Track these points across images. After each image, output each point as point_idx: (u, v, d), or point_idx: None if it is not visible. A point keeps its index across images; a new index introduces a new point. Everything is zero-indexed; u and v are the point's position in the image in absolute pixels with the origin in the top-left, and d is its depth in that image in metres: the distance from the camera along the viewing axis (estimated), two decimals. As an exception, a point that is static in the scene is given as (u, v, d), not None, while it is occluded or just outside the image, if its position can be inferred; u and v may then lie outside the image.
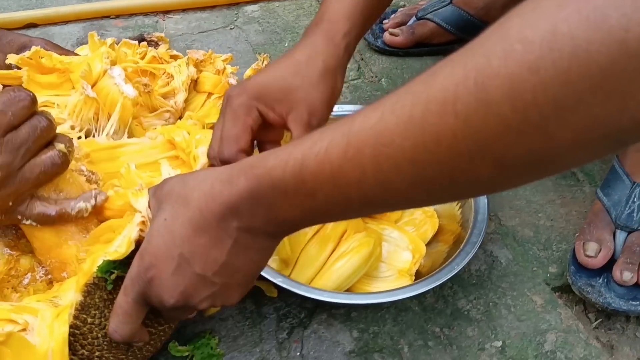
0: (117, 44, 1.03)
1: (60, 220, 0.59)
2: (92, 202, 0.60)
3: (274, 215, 0.50)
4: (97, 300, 0.59)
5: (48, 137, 0.58)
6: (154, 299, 0.54)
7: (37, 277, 0.62)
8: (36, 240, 0.61)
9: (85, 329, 0.58)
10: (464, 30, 1.15)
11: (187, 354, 0.70)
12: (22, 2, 1.32)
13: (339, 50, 0.70)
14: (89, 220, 0.63)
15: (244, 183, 0.49)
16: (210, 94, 0.99)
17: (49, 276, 0.63)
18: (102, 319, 0.59)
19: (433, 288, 0.71)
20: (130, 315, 0.55)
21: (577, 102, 0.34)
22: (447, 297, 0.79)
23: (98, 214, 0.63)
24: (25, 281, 0.61)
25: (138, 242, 0.57)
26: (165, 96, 0.95)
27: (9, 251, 0.61)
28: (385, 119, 0.42)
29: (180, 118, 0.93)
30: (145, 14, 1.31)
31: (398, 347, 0.74)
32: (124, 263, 0.58)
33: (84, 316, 0.58)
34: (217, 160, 0.65)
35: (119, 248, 0.57)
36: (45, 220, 0.59)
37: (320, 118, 0.67)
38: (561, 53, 0.33)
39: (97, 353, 0.58)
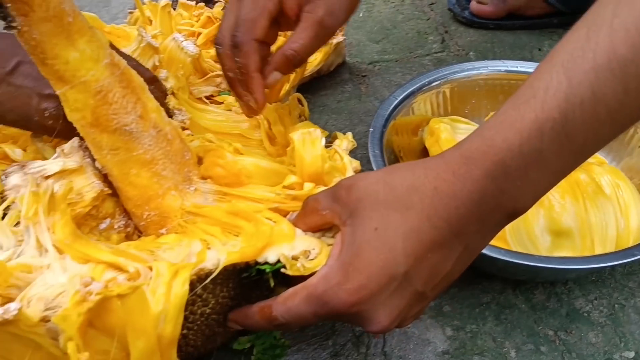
0: (175, 7, 0.95)
1: None
2: None
3: (521, 194, 0.41)
4: (227, 280, 0.49)
5: None
6: (354, 320, 0.45)
7: (115, 225, 0.52)
8: (133, 188, 0.50)
9: (197, 298, 0.47)
10: (566, 2, 1.02)
11: (248, 345, 0.59)
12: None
13: None
14: (191, 170, 0.53)
15: (481, 173, 0.40)
16: (271, 55, 0.89)
17: (128, 229, 0.53)
18: (211, 296, 0.48)
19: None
20: (287, 324, 0.47)
21: None
22: (561, 295, 0.65)
23: (203, 166, 0.55)
24: (102, 226, 0.51)
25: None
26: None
27: (100, 185, 0.50)
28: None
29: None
30: (208, -19, 1.22)
31: (503, 351, 0.60)
32: None
33: (202, 289, 0.47)
34: (226, 46, 0.59)
35: (311, 262, 0.47)
36: None
37: (336, 20, 0.60)
38: None
39: (191, 325, 0.48)
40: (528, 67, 0.77)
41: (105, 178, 0.52)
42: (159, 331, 0.43)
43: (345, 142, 0.60)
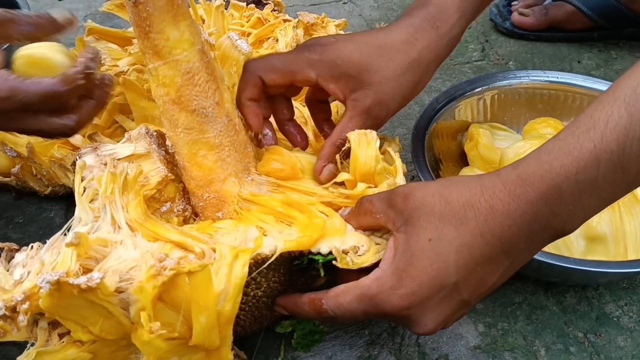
0: (227, 7, 0.98)
1: None
2: None
3: (570, 217, 0.44)
4: (279, 266, 0.53)
5: None
6: (401, 322, 0.49)
7: (175, 209, 0.55)
8: (198, 169, 0.54)
9: (252, 281, 0.51)
10: (607, 18, 1.03)
11: (290, 329, 0.62)
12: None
13: (442, 42, 0.59)
14: (250, 162, 0.57)
15: (536, 195, 0.43)
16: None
17: (186, 213, 0.56)
18: (264, 280, 0.52)
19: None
20: (336, 317, 0.50)
21: None
22: (592, 299, 0.67)
23: (262, 161, 0.58)
24: (164, 209, 0.54)
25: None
26: None
27: (165, 170, 0.54)
28: None
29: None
30: (256, -18, 1.26)
31: (533, 349, 0.63)
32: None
33: (257, 273, 0.50)
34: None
35: (359, 258, 0.51)
36: None
37: (385, 111, 0.58)
38: None
39: (243, 306, 0.52)
40: (568, 78, 0.79)
41: (167, 164, 0.56)
42: (219, 308, 0.46)
43: (393, 144, 0.63)
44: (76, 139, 0.74)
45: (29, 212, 0.76)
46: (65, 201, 0.77)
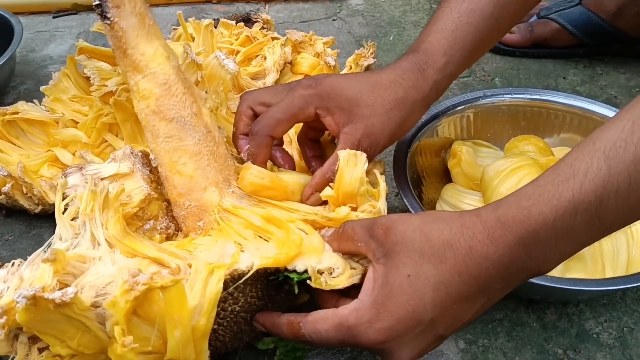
0: (217, 25, 1.00)
1: None
2: None
3: (546, 261, 0.46)
4: (256, 281, 0.53)
5: None
6: (377, 353, 0.51)
7: (158, 227, 0.57)
8: (179, 176, 0.56)
9: (229, 296, 0.52)
10: (591, 35, 1.05)
11: (272, 346, 0.63)
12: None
13: (427, 84, 0.63)
14: (231, 175, 0.59)
15: (514, 240, 0.44)
16: (306, 76, 0.93)
17: (169, 231, 0.58)
18: (241, 295, 0.53)
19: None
20: (312, 342, 0.52)
21: None
22: (572, 316, 0.68)
23: (251, 188, 0.59)
24: (147, 227, 0.56)
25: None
26: (255, 76, 0.92)
27: (147, 188, 0.56)
28: None
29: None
30: (247, 1, 1.29)
31: (513, 365, 0.63)
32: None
33: (234, 288, 0.51)
34: (247, 120, 0.62)
35: (333, 280, 0.52)
36: None
37: (375, 144, 0.61)
38: None
39: (221, 321, 0.53)
40: (550, 95, 0.80)
41: (151, 183, 0.57)
42: (193, 323, 0.47)
43: (379, 166, 0.64)
44: (66, 158, 0.75)
45: (18, 230, 0.77)
46: (54, 219, 0.78)
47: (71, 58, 0.83)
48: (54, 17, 1.24)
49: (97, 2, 0.56)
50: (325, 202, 0.60)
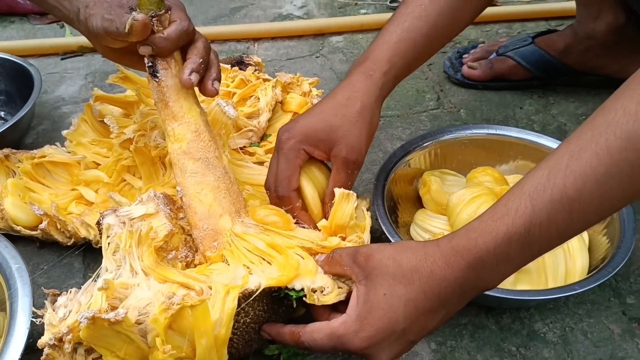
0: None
1: None
2: None
3: (491, 280, 0.59)
4: (262, 297, 0.65)
5: None
6: (363, 357, 0.62)
7: (179, 256, 0.69)
8: (201, 205, 0.69)
9: (241, 311, 0.63)
10: (543, 70, 1.19)
11: (277, 352, 0.75)
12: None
13: (376, 87, 0.77)
14: (242, 208, 0.72)
15: (465, 264, 0.57)
16: (295, 114, 1.06)
17: (188, 259, 0.69)
18: (250, 309, 0.64)
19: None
20: (310, 348, 0.64)
21: None
22: (524, 319, 0.81)
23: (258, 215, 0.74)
24: (169, 257, 0.67)
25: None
26: (250, 116, 1.03)
27: (170, 225, 0.68)
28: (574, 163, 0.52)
29: (262, 136, 1.01)
30: (238, 40, 1.41)
31: (475, 362, 0.76)
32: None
33: (246, 305, 0.63)
34: (272, 195, 0.76)
35: (324, 297, 0.65)
36: None
37: (358, 153, 0.76)
38: None
39: (235, 331, 0.64)
40: (504, 130, 0.94)
41: (172, 220, 0.69)
42: (215, 333, 0.59)
43: (364, 202, 0.78)
44: (90, 196, 0.87)
45: (51, 259, 0.88)
46: (82, 249, 0.88)
47: (88, 105, 0.95)
48: (61, 59, 1.34)
49: (150, 64, 0.70)
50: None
